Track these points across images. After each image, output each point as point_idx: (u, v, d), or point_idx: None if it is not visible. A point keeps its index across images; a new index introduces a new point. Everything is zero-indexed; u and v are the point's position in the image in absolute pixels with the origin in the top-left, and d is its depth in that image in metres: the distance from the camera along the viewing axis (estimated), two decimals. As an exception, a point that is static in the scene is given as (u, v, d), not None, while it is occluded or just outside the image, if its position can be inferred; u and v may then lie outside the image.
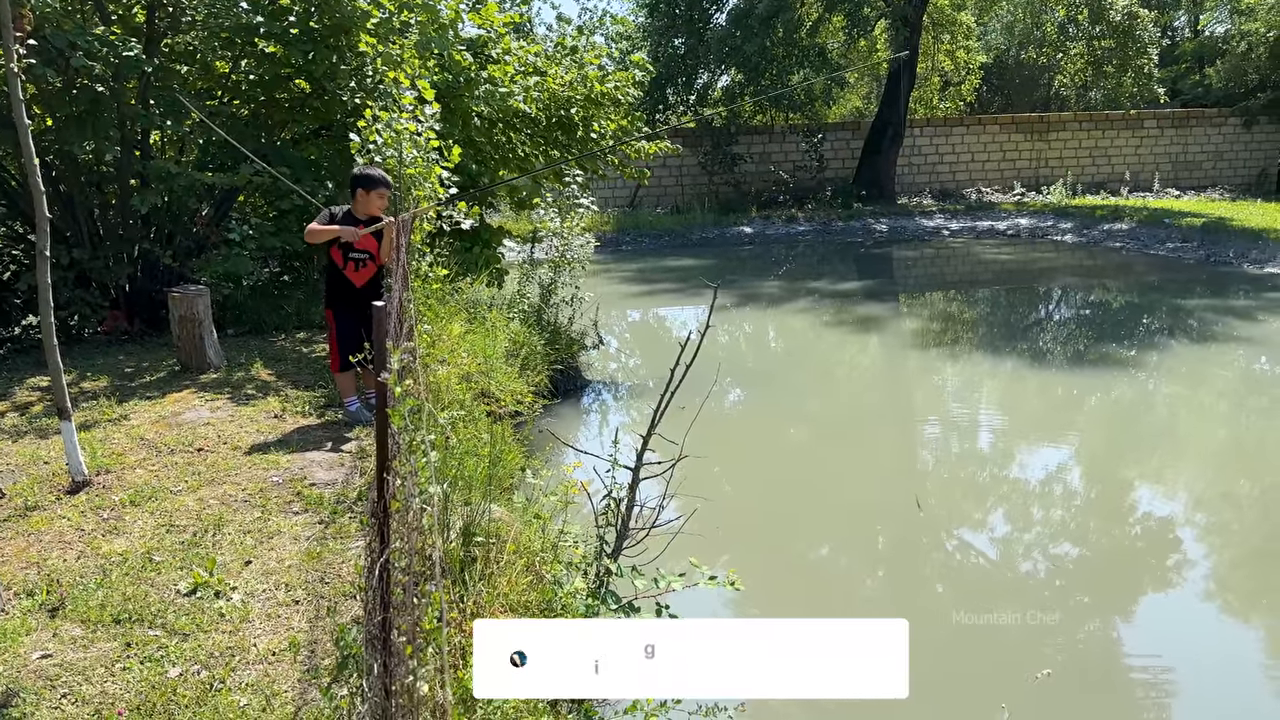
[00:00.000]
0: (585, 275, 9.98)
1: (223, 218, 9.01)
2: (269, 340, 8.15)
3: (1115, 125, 26.26)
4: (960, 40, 27.05)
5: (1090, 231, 19.70)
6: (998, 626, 4.82)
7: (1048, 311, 13.70)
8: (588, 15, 25.46)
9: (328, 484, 4.95)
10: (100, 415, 5.99)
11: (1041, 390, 9.21)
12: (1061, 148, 26.21)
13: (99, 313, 8.35)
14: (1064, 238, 19.72)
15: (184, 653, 3.36)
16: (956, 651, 4.57)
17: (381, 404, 2.19)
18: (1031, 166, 26.20)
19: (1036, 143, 26.17)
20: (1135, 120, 26.16)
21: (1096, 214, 20.63)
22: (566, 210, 9.84)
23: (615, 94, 10.63)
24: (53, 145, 7.97)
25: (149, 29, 8.34)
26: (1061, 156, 26.17)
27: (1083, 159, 26.26)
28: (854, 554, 5.84)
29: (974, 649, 4.62)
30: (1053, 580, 5.41)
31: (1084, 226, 20.09)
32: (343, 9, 7.99)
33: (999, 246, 19.42)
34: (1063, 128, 26.27)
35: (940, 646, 4.57)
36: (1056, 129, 26.25)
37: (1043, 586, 5.34)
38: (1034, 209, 22.63)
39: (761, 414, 8.47)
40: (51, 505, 4.68)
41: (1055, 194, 23.78)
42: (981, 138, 26.11)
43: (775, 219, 22.68)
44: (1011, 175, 26.13)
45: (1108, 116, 26.16)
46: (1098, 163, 26.31)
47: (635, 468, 3.82)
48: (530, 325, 8.69)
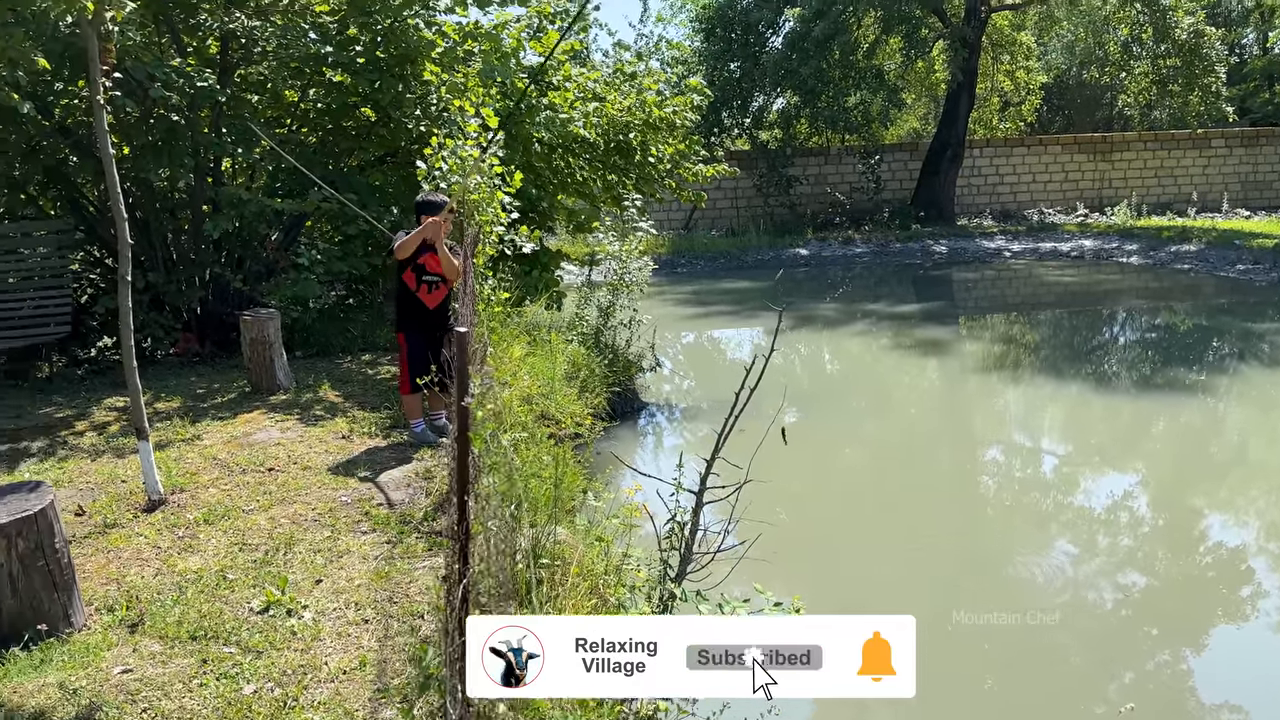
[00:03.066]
0: (642, 297, 10.04)
1: (291, 242, 9.24)
2: (335, 362, 8.31)
3: (1181, 145, 25.72)
4: (1020, 60, 26.75)
5: (1157, 253, 19.30)
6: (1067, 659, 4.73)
7: (1113, 334, 13.45)
8: (644, 41, 25.64)
9: (395, 504, 5.03)
10: (174, 435, 6.16)
11: (1107, 415, 9.04)
12: (1126, 168, 25.73)
13: (172, 335, 8.59)
14: (1129, 259, 19.34)
15: (258, 670, 3.44)
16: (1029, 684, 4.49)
17: (463, 428, 2.24)
18: (1095, 187, 25.74)
19: (1100, 163, 25.73)
20: (1202, 139, 25.60)
21: (1163, 235, 20.21)
22: (625, 233, 9.92)
23: (673, 118, 10.71)
24: (130, 173, 8.24)
25: (222, 60, 8.62)
26: (1126, 177, 25.69)
27: (1148, 179, 25.74)
28: (917, 583, 5.76)
29: (1044, 682, 4.53)
30: (1120, 611, 5.30)
31: (1150, 248, 19.69)
32: (408, 39, 8.18)
33: (1062, 268, 19.11)
34: (1127, 148, 25.80)
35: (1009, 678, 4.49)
36: (1120, 149, 25.79)
37: (1110, 618, 5.22)
38: (1098, 230, 22.23)
39: (821, 437, 8.42)
40: (129, 523, 4.82)
41: (1120, 215, 23.32)
42: (1043, 158, 25.74)
43: (831, 241, 22.57)
44: (1074, 196, 25.70)
45: (1173, 136, 25.64)
46: (1163, 183, 25.77)
47: (699, 491, 3.83)
48: (589, 347, 8.75)
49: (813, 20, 21.48)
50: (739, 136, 25.17)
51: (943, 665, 4.71)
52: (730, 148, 24.07)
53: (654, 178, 10.55)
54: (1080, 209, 25.23)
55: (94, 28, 4.94)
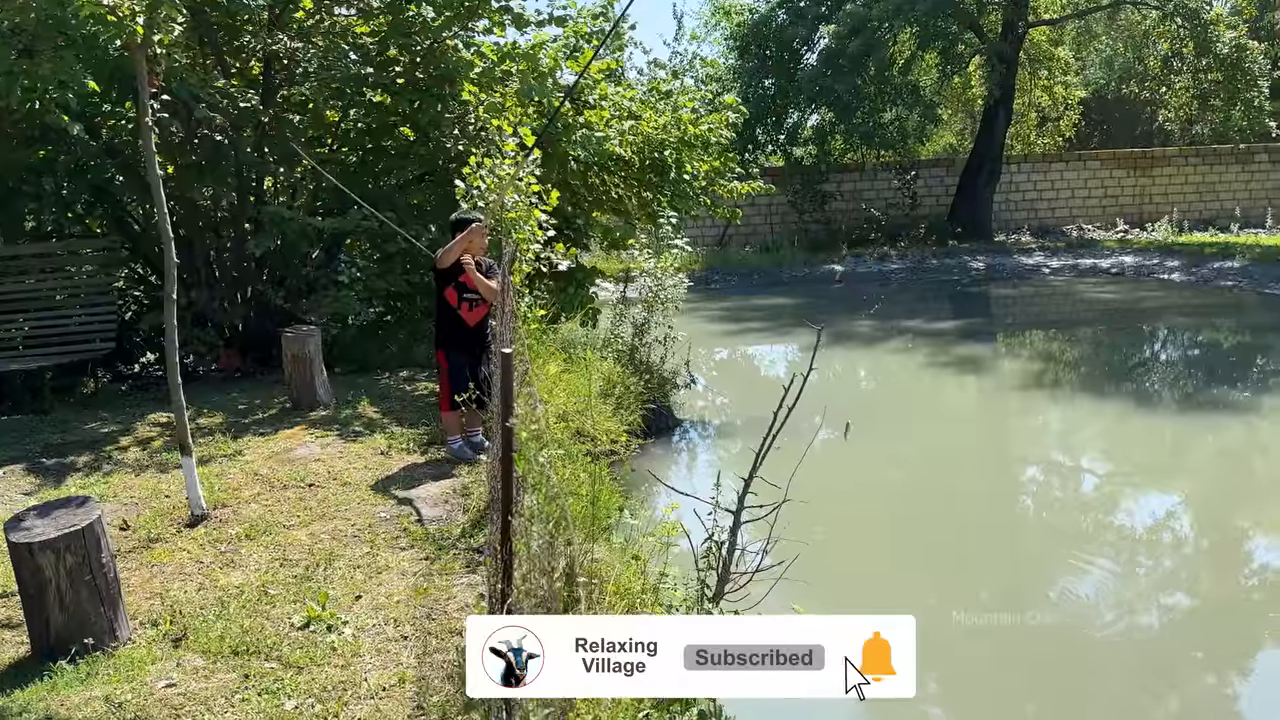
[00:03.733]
0: (676, 314, 10.04)
1: (332, 260, 9.36)
2: (374, 378, 8.39)
3: (1224, 160, 25.35)
4: (1058, 75, 26.54)
5: (1199, 269, 19.01)
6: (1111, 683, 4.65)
7: (1154, 352, 13.26)
8: (678, 59, 25.73)
9: (432, 520, 5.07)
10: (216, 451, 6.24)
11: (1148, 434, 8.90)
12: (1166, 183, 25.40)
13: (214, 351, 8.72)
14: (1171, 276, 19.07)
15: (299, 686, 3.47)
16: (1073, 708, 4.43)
17: (507, 450, 2.26)
18: (1135, 203, 25.43)
19: (1140, 178, 25.42)
20: (1245, 154, 25.21)
21: (1205, 251, 19.91)
22: (660, 250, 9.94)
23: (708, 135, 10.73)
24: (174, 192, 8.40)
25: (265, 81, 8.77)
26: (1166, 192, 25.35)
27: (1189, 195, 25.39)
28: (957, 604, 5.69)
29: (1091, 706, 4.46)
30: (1164, 634, 5.20)
31: (1192, 264, 19.39)
32: (447, 60, 8.28)
33: (1102, 285, 18.88)
34: (1167, 163, 25.48)
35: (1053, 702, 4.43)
36: (1160, 164, 25.47)
37: (1153, 640, 5.13)
38: (1138, 246, 21.95)
39: (858, 456, 8.36)
40: (172, 538, 4.90)
41: (1160, 231, 23.00)
42: (1082, 174, 25.48)
43: (866, 257, 22.46)
44: (1114, 211, 25.39)
45: (1215, 151, 25.29)
46: (1205, 198, 25.40)
47: (737, 511, 3.82)
48: (623, 364, 8.77)
49: (848, 37, 21.46)
50: (773, 153, 25.17)
51: (989, 687, 4.66)
52: (764, 164, 24.04)
53: (689, 194, 10.57)
54: (1120, 225, 24.92)
55: (143, 51, 5.06)
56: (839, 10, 22.36)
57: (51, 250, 8.62)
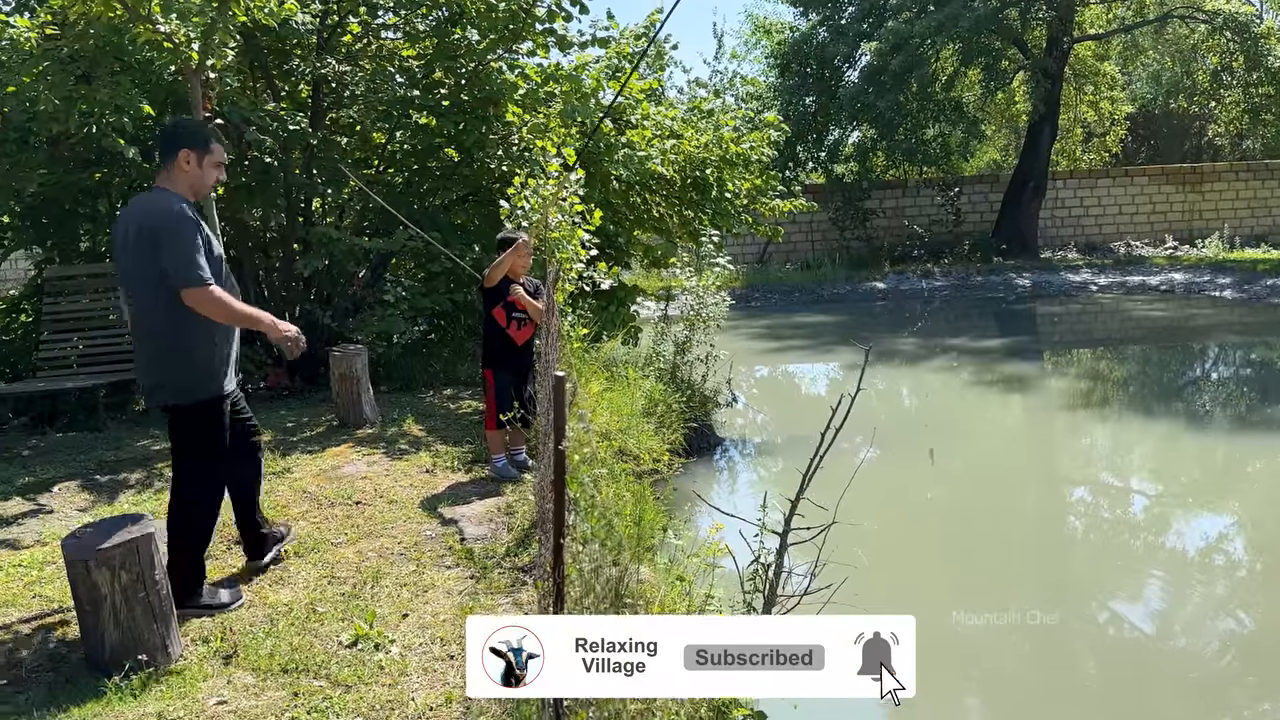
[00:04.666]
0: (718, 332, 10.02)
1: (378, 280, 9.48)
2: (419, 397, 8.46)
3: (1276, 174, 24.87)
4: (1104, 90, 26.25)
5: (1252, 286, 18.64)
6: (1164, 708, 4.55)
7: (1205, 370, 13.00)
8: (718, 77, 25.81)
9: (478, 539, 5.09)
10: (266, 468, 6.29)
11: (1200, 455, 8.71)
12: (1217, 199, 24.96)
13: (263, 369, 8.85)
14: (1223, 293, 18.72)
15: (347, 705, 3.49)
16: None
17: (559, 473, 2.26)
18: (1184, 219, 25.02)
19: (1189, 194, 25.01)
20: (1298, 169, 24.76)
21: (1258, 268, 19.52)
22: (701, 267, 9.96)
23: (750, 154, 10.74)
24: (225, 213, 8.56)
25: (314, 104, 8.93)
26: (1217, 208, 24.92)
27: (1240, 210, 24.93)
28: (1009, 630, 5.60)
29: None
30: (1220, 661, 5.08)
31: (1245, 281, 19.02)
32: (492, 82, 8.38)
33: (1151, 302, 18.57)
34: (1217, 178, 25.05)
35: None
36: (1210, 179, 25.05)
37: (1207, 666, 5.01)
38: (1188, 263, 21.58)
39: (902, 475, 8.28)
40: (222, 555, 4.96)
41: (1211, 247, 22.60)
42: (1129, 190, 25.14)
43: (909, 274, 22.31)
44: (1163, 228, 25.01)
45: (1267, 166, 24.84)
46: (1257, 214, 24.92)
47: (784, 532, 3.79)
48: (665, 383, 8.77)
49: (890, 54, 21.40)
50: (814, 170, 25.13)
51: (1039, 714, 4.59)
52: (805, 181, 24.00)
53: (730, 212, 10.58)
54: (1169, 241, 24.54)
55: (197, 76, 5.18)
56: (880, 27, 22.31)
57: (105, 270, 8.80)
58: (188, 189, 4.09)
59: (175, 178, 4.06)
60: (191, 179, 4.09)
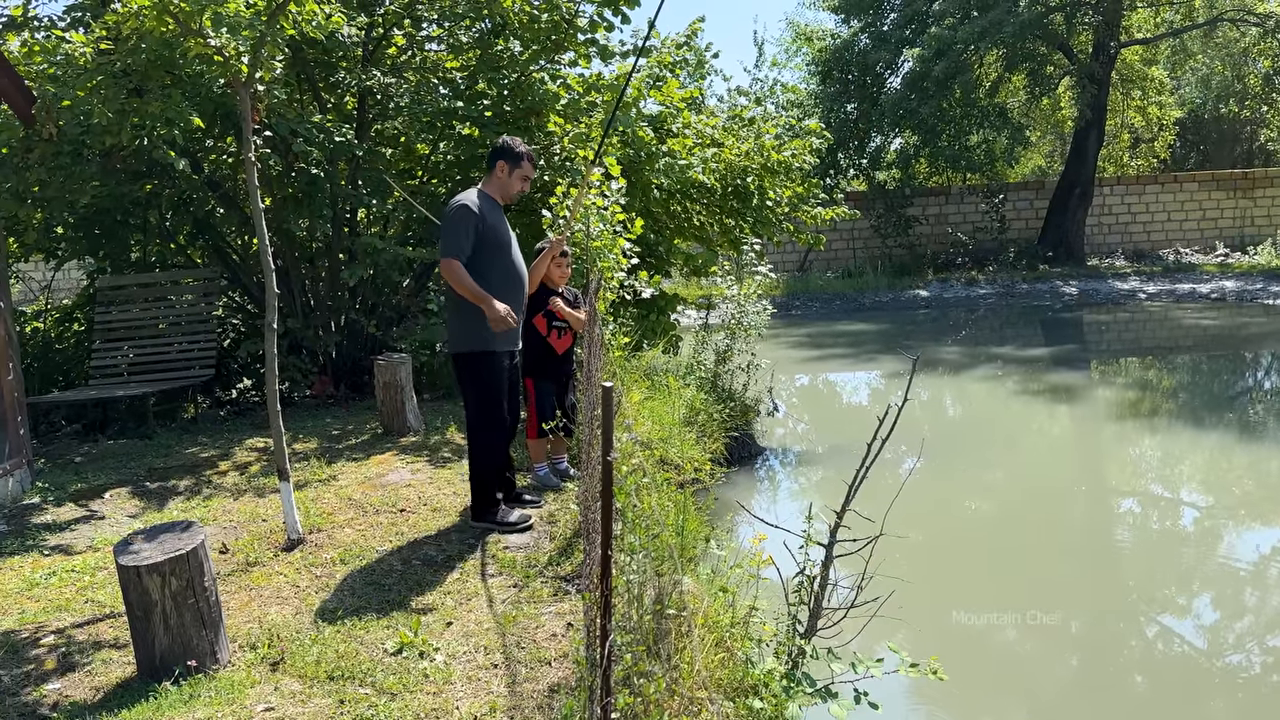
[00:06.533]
0: (759, 340, 9.98)
1: (421, 289, 9.55)
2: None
3: (1331, 179, 24.34)
4: (1152, 95, 25.82)
5: (1306, 294, 18.24)
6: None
7: (1258, 380, 12.70)
8: (759, 85, 25.75)
9: (519, 548, 5.09)
10: (311, 476, 6.39)
11: (1252, 466, 8.51)
12: (1270, 205, 24.44)
13: (308, 378, 8.96)
14: (1275, 301, 18.31)
15: (392, 712, 3.50)
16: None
17: (607, 484, 2.26)
18: (1235, 225, 24.52)
19: (1240, 200, 24.51)
20: (1354, 173, 24.19)
21: (1313, 275, 19.10)
22: (742, 276, 9.92)
23: (791, 161, 10.70)
24: (272, 223, 8.68)
25: (359, 116, 9.03)
26: (1270, 215, 24.39)
27: (1293, 217, 24.40)
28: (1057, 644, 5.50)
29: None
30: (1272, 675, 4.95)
31: (1299, 289, 18.62)
32: (534, 92, 8.41)
33: (1201, 311, 18.21)
34: (1270, 184, 24.52)
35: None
36: (1263, 185, 24.53)
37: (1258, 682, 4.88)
38: (1240, 270, 21.15)
39: (948, 485, 8.18)
40: (270, 562, 5.01)
41: (1264, 254, 22.12)
42: (1178, 196, 24.69)
43: (953, 281, 22.08)
44: (1213, 235, 24.53)
45: (1322, 170, 24.31)
46: (1312, 220, 24.38)
47: (829, 545, 3.75)
48: (706, 392, 8.74)
49: (933, 60, 21.23)
50: (855, 177, 24.99)
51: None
52: (846, 189, 23.86)
53: (772, 221, 10.54)
54: (1220, 248, 24.07)
55: (246, 89, 5.25)
56: (923, 34, 22.16)
57: (155, 280, 8.97)
58: (496, 190, 5.27)
59: (490, 181, 5.29)
60: (501, 184, 5.27)
